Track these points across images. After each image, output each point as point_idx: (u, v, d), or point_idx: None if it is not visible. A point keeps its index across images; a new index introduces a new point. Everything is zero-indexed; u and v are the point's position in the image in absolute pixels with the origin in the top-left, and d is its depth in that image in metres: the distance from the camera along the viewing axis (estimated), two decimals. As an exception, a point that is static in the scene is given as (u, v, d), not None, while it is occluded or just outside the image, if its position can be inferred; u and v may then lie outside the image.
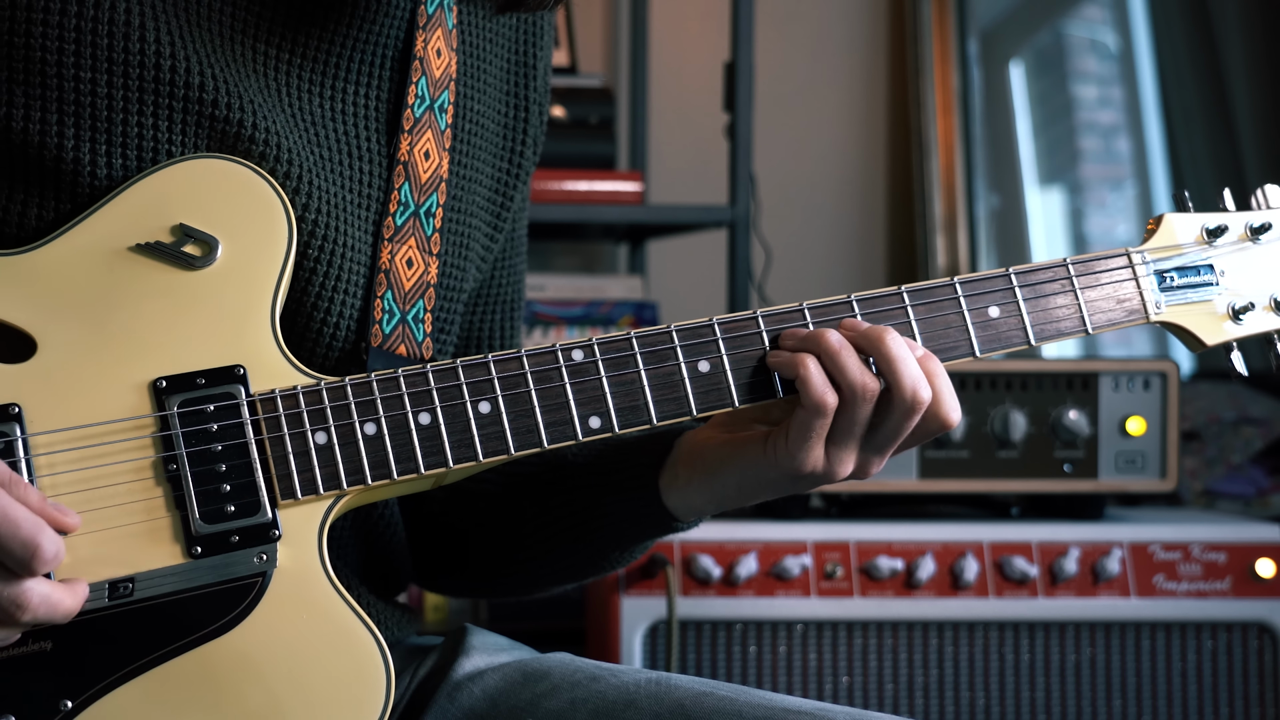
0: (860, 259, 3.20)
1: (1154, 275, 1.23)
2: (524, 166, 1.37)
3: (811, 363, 1.14)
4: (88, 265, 1.10)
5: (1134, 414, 2.07)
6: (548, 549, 1.32)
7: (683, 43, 3.11)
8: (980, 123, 3.16)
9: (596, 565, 1.33)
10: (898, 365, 1.13)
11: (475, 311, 1.40)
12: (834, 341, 1.14)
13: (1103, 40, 3.34)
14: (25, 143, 1.12)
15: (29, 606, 1.00)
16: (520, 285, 1.43)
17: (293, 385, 1.10)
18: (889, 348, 1.13)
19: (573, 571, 1.35)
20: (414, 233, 1.24)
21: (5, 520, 0.98)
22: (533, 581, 1.38)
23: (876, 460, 1.18)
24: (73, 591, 1.03)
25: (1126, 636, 2.03)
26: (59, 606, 1.01)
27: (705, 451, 1.22)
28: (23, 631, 1.03)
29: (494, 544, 1.36)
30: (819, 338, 1.15)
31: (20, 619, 1.00)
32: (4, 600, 0.99)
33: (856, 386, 1.13)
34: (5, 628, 1.01)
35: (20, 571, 0.99)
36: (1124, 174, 3.30)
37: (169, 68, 1.15)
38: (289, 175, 1.17)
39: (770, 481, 1.19)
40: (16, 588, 0.99)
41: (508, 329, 1.42)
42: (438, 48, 1.27)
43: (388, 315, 1.22)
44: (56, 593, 1.01)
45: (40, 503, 1.02)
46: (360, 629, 1.08)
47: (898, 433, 1.16)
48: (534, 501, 1.32)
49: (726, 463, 1.20)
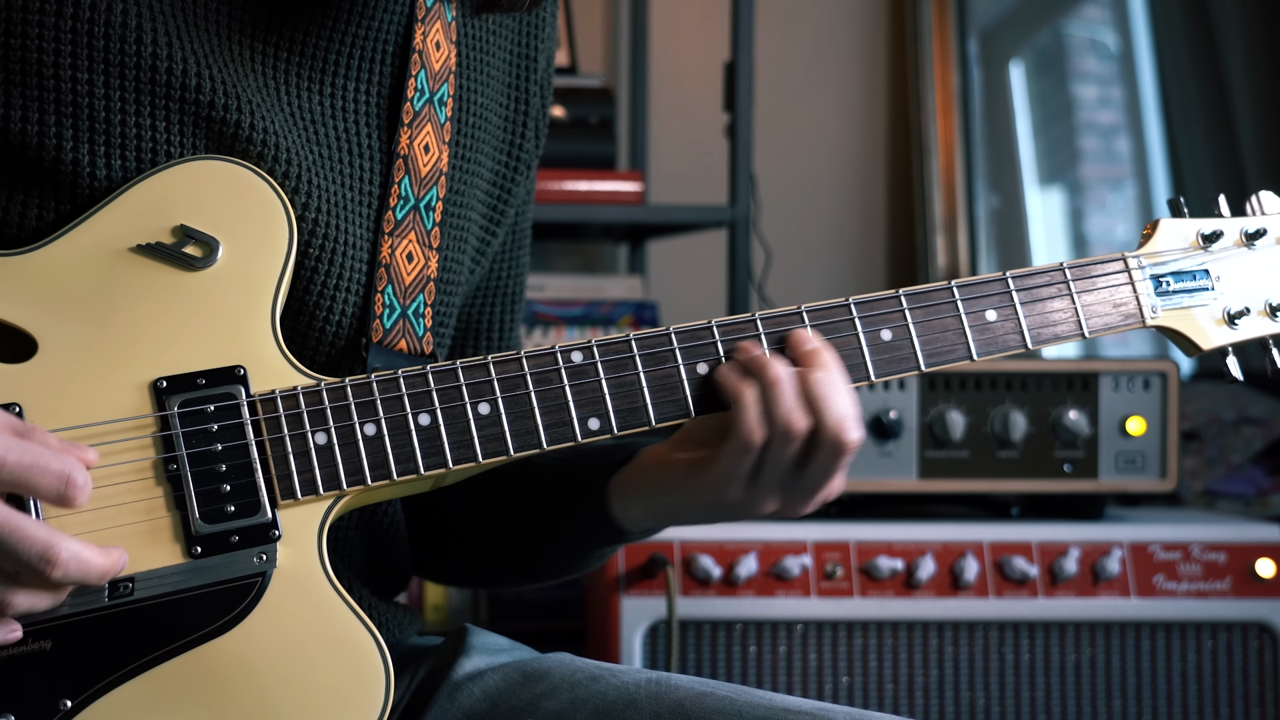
0: (860, 259, 3.20)
1: (1150, 280, 1.23)
2: (524, 158, 1.37)
3: (751, 394, 1.14)
4: (88, 266, 1.10)
5: (1134, 414, 2.07)
6: (527, 545, 1.34)
7: (683, 43, 3.11)
8: (980, 123, 3.17)
9: (570, 564, 1.35)
10: (824, 403, 1.13)
11: (474, 303, 1.40)
12: (774, 375, 1.14)
13: (1103, 40, 3.35)
14: (24, 144, 1.12)
15: (59, 561, 0.98)
16: (522, 279, 1.44)
17: (293, 386, 1.11)
18: (815, 385, 1.13)
19: (550, 568, 1.36)
20: (414, 227, 1.24)
21: (35, 460, 0.98)
22: (517, 575, 1.39)
23: (803, 501, 1.18)
24: (106, 553, 1.01)
25: (1126, 636, 2.03)
26: (91, 564, 1.00)
27: (647, 469, 1.23)
28: (53, 602, 1.02)
29: (481, 537, 1.37)
30: (762, 369, 1.14)
31: (52, 575, 0.99)
32: (34, 557, 0.98)
33: (782, 424, 1.13)
34: (35, 591, 1.01)
35: (58, 502, 0.99)
36: (1124, 174, 3.30)
37: (166, 69, 1.15)
38: (288, 175, 1.17)
39: (700, 507, 1.20)
40: (46, 540, 0.98)
41: (507, 321, 1.42)
42: (437, 40, 1.27)
43: (388, 310, 1.22)
44: (88, 550, 1.00)
45: (59, 442, 1.02)
46: (360, 630, 1.08)
47: (827, 472, 1.16)
48: (509, 500, 1.34)
49: (662, 482, 1.22)
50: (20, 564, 0.99)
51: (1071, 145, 3.31)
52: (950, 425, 2.04)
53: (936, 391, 2.06)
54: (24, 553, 0.98)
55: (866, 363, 1.17)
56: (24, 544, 0.98)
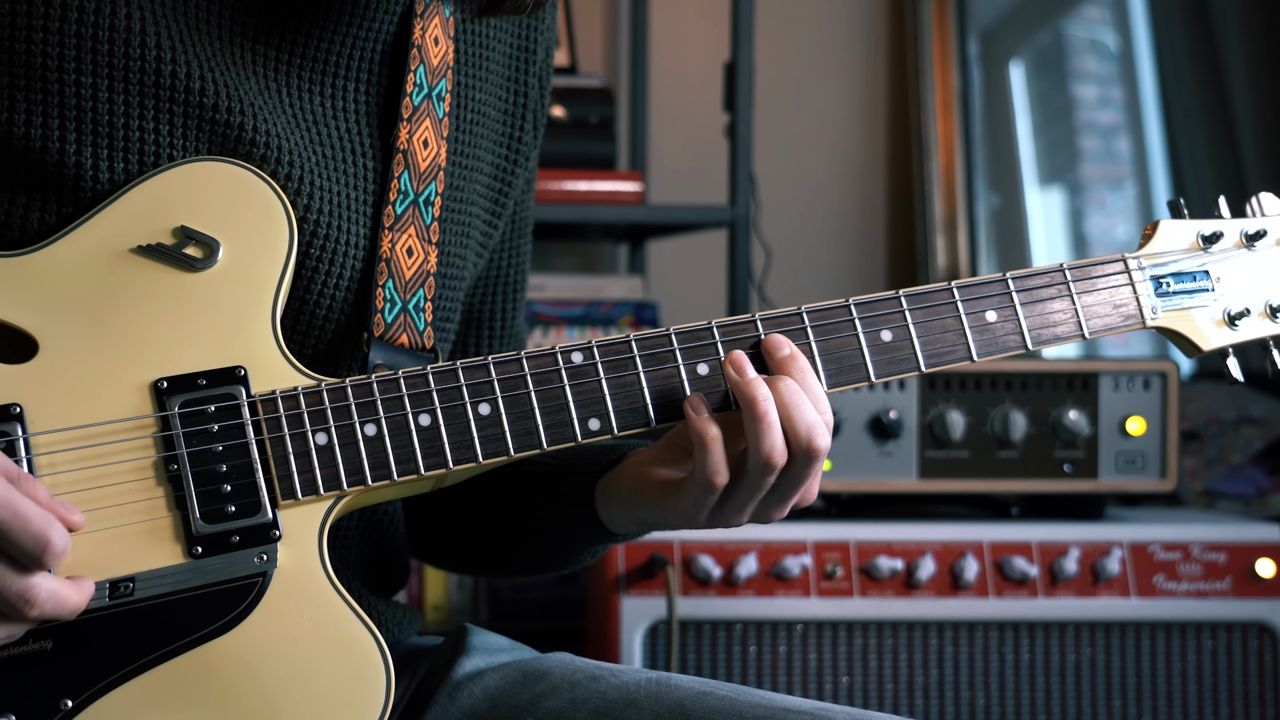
0: (860, 259, 3.20)
1: (1150, 281, 1.23)
2: (523, 150, 1.37)
3: (715, 439, 1.12)
4: (90, 267, 1.11)
5: (1134, 414, 2.07)
6: (522, 538, 1.34)
7: (683, 43, 3.11)
8: (980, 123, 3.16)
9: (564, 560, 1.35)
10: (791, 411, 1.12)
11: (476, 293, 1.40)
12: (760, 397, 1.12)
13: (1103, 40, 3.34)
14: (27, 148, 1.12)
15: (37, 602, 1.00)
16: (524, 268, 1.43)
17: (293, 386, 1.11)
18: (781, 394, 1.12)
19: (545, 563, 1.36)
20: (413, 221, 1.25)
21: (15, 516, 0.98)
22: (516, 567, 1.40)
23: (779, 510, 1.17)
24: (79, 588, 1.03)
25: (1126, 636, 2.03)
26: (66, 602, 1.02)
27: (627, 481, 1.23)
28: (29, 628, 1.03)
29: (481, 531, 1.38)
30: (753, 402, 1.12)
31: (28, 614, 1.01)
32: (12, 596, 1.00)
33: (763, 458, 1.12)
34: (12, 623, 1.02)
35: (30, 565, 1.00)
36: (1124, 174, 3.30)
37: (169, 73, 1.15)
38: (290, 177, 1.18)
39: (677, 523, 1.19)
40: (25, 583, 1.00)
41: (509, 311, 1.42)
42: (435, 36, 1.27)
43: (389, 304, 1.22)
44: (64, 589, 1.02)
45: (48, 499, 1.02)
46: (360, 630, 1.08)
47: (798, 482, 1.15)
48: (503, 497, 1.34)
49: (639, 497, 1.22)
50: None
51: (1071, 145, 3.31)
52: (950, 425, 2.05)
53: (936, 391, 2.06)
54: (3, 591, 1.00)
55: (867, 363, 1.17)
56: (3, 584, 1.00)
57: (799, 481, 1.15)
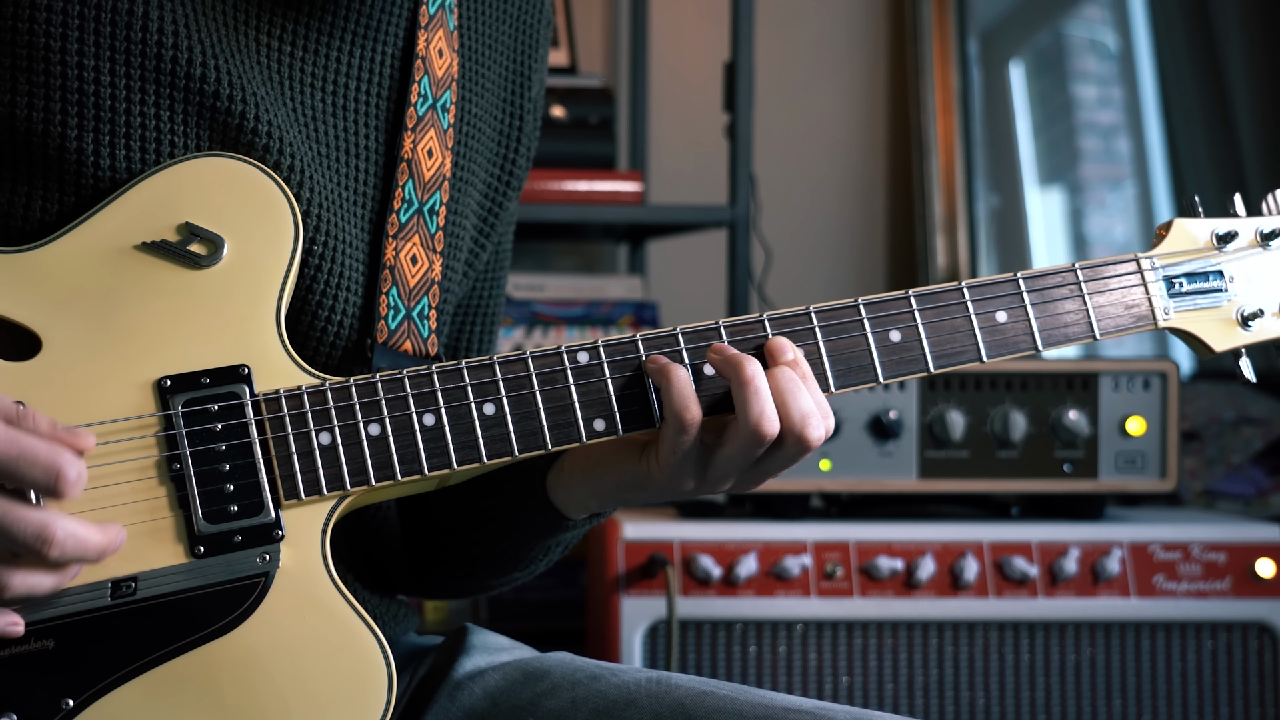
0: (860, 259, 3.20)
1: (1163, 281, 1.22)
2: (516, 175, 1.37)
3: (681, 377, 1.12)
4: (93, 263, 1.10)
5: (1134, 414, 2.07)
6: (470, 541, 1.31)
7: (683, 43, 3.11)
8: (980, 123, 3.17)
9: (519, 561, 1.31)
10: (788, 398, 1.11)
11: (455, 320, 1.39)
12: (746, 374, 1.11)
13: (1103, 40, 3.34)
14: (29, 131, 1.12)
15: (54, 540, 0.98)
16: (501, 298, 1.42)
17: (297, 385, 1.10)
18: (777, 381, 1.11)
19: (500, 565, 1.33)
20: (418, 230, 1.24)
21: (22, 453, 0.97)
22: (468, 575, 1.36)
23: (757, 483, 1.16)
24: (104, 530, 1.01)
25: (1126, 636, 2.03)
26: (87, 541, 1.00)
27: (589, 449, 1.19)
28: (59, 579, 1.01)
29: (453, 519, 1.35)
30: (738, 367, 1.12)
31: (49, 555, 0.99)
32: (29, 538, 0.98)
33: (751, 424, 1.11)
34: (37, 570, 1.00)
35: (49, 495, 0.98)
36: (1124, 174, 3.30)
37: (171, 57, 1.14)
38: (292, 169, 1.17)
39: (646, 490, 1.17)
40: (40, 521, 0.98)
41: (486, 342, 1.41)
42: (440, 48, 1.27)
43: (393, 311, 1.22)
44: (84, 528, 1.00)
45: (51, 428, 1.00)
46: (362, 629, 1.08)
47: (785, 463, 1.14)
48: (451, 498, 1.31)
49: (605, 462, 1.18)
50: (17, 545, 0.98)
51: (1071, 145, 3.31)
52: (950, 425, 2.04)
53: (936, 391, 2.06)
54: (19, 533, 0.98)
55: (875, 364, 1.16)
56: (19, 524, 0.98)
57: (786, 463, 1.14)
